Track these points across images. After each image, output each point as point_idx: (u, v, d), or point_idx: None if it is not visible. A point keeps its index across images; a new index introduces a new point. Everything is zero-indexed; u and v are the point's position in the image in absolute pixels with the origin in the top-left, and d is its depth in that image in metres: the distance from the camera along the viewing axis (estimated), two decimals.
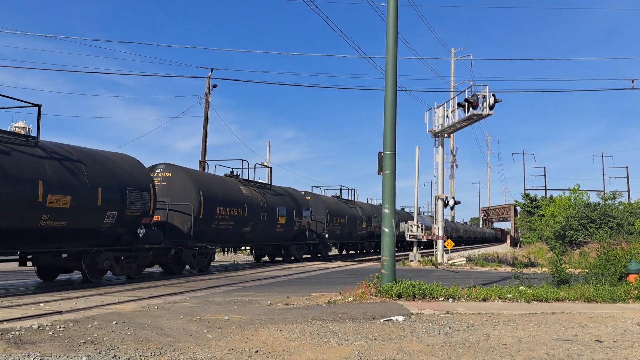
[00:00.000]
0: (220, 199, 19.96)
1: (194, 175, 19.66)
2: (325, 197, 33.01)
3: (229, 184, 21.57)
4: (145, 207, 15.92)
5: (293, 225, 25.91)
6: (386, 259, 12.20)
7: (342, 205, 33.91)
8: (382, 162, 12.65)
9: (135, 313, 9.29)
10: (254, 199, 22.23)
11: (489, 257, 33.05)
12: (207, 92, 32.18)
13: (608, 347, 6.94)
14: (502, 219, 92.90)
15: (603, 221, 36.14)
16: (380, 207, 38.19)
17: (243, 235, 22.04)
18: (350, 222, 33.79)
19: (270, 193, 24.58)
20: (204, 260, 19.36)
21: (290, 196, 26.58)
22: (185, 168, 19.63)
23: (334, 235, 31.51)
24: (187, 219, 18.31)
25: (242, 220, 21.27)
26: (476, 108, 22.39)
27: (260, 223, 22.65)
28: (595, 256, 16.71)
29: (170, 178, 18.94)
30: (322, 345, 6.81)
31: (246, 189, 22.32)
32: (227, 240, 21.76)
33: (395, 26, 12.96)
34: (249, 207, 21.66)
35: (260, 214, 22.48)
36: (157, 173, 19.00)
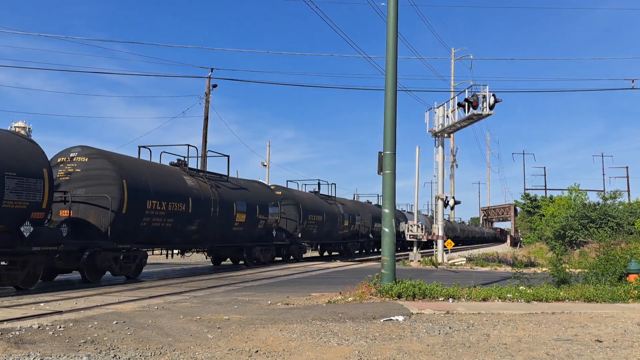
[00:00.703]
0: (154, 190, 16.35)
1: (117, 160, 16.00)
2: (300, 192, 29.76)
3: (169, 174, 18.11)
4: (35, 199, 12.63)
5: (256, 223, 22.65)
6: (386, 258, 12.20)
7: (319, 201, 30.40)
8: (382, 162, 12.65)
9: (136, 313, 9.29)
10: (202, 192, 18.91)
11: (489, 257, 33.06)
12: (207, 92, 32.17)
13: (608, 347, 6.94)
14: (502, 219, 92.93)
15: (603, 221, 36.14)
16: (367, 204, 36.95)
17: (188, 235, 18.65)
18: (329, 220, 30.54)
19: (227, 186, 21.19)
20: (130, 265, 16.02)
21: (254, 190, 23.37)
22: (106, 152, 16.28)
23: (309, 234, 28.49)
24: (106, 215, 15.06)
25: (185, 217, 17.85)
26: (476, 108, 22.39)
27: (211, 220, 19.33)
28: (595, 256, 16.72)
29: (87, 164, 15.58)
30: (322, 345, 6.81)
31: (193, 179, 18.97)
32: (167, 241, 18.10)
33: (395, 26, 12.96)
34: (195, 202, 18.31)
35: (210, 209, 19.15)
36: (71, 158, 15.72)
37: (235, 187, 21.99)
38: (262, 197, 23.67)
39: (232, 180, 22.30)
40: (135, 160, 17.64)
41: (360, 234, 35.80)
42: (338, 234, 32.52)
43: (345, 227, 33.08)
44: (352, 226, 34.24)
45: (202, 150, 31.69)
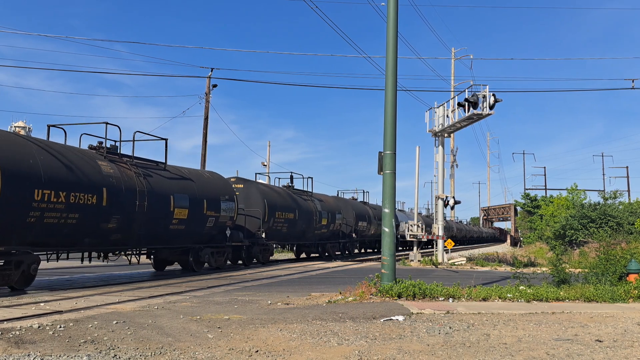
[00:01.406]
0: (47, 177, 12.94)
1: None
2: (267, 185, 26.66)
3: (76, 158, 14.32)
4: None
5: (203, 220, 18.99)
6: (386, 258, 12.20)
7: (291, 196, 26.74)
8: (382, 161, 12.66)
9: (136, 313, 9.29)
10: (124, 182, 15.31)
11: (489, 257, 33.09)
12: (207, 92, 32.16)
13: (608, 347, 6.94)
14: (502, 218, 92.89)
15: (603, 221, 36.14)
16: (351, 201, 34.96)
17: (104, 234, 14.90)
18: (303, 218, 26.93)
19: (163, 175, 17.46)
20: (10, 273, 12.44)
21: (202, 182, 19.60)
22: None
23: (277, 234, 24.97)
24: None
25: (97, 211, 14.28)
26: (476, 108, 22.40)
27: (138, 216, 15.69)
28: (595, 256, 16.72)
29: None
30: (322, 345, 6.81)
31: (112, 166, 15.28)
32: (71, 242, 14.31)
33: (396, 26, 12.96)
34: (113, 193, 14.73)
35: (135, 203, 15.52)
36: None
37: (175, 176, 18.10)
38: (213, 189, 19.86)
39: (171, 169, 18.24)
40: (20, 139, 13.58)
41: (341, 234, 32.58)
42: (314, 234, 28.89)
43: (323, 226, 29.60)
44: (331, 225, 30.82)
45: (202, 150, 31.72)
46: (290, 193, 27.14)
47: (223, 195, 20.36)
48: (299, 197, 27.65)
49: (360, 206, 36.35)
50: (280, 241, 26.25)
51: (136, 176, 16.02)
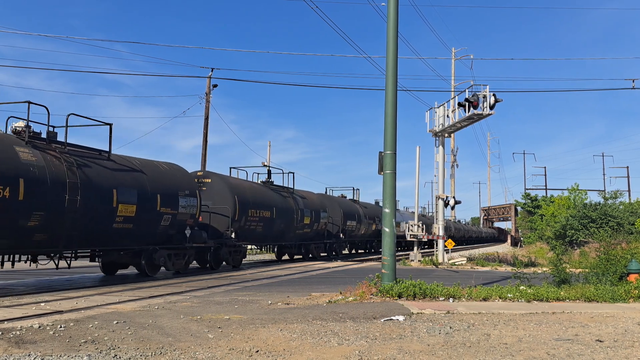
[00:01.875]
0: None
1: None
2: (238, 180, 23.66)
3: None
4: None
5: (157, 219, 16.45)
6: (387, 258, 12.20)
7: (268, 193, 24.40)
8: (382, 161, 12.66)
9: (136, 313, 9.29)
10: (50, 173, 13.06)
11: (489, 257, 33.11)
12: (207, 92, 32.17)
13: (609, 347, 6.94)
14: (503, 218, 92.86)
15: (603, 221, 36.15)
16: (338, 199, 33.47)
17: (24, 233, 12.71)
18: (282, 216, 24.62)
19: (105, 166, 15.15)
20: None
21: (157, 174, 17.00)
22: None
23: (250, 234, 22.57)
24: None
25: (11, 206, 12.13)
26: (476, 108, 22.39)
27: (69, 214, 13.47)
28: (596, 256, 16.71)
29: None
30: (322, 345, 6.81)
31: (34, 153, 13.07)
32: None
33: (396, 26, 12.96)
34: (33, 185, 12.57)
35: (65, 197, 13.28)
36: None
37: (121, 168, 15.70)
38: (170, 183, 17.34)
39: (117, 159, 15.93)
40: None
41: (327, 234, 30.16)
42: (296, 234, 26.53)
43: (305, 225, 27.21)
44: (315, 224, 28.32)
45: (203, 150, 31.73)
46: (267, 189, 24.75)
47: (182, 190, 17.81)
48: (278, 194, 25.21)
49: (349, 204, 34.28)
50: (255, 242, 23.85)
51: (67, 166, 13.64)
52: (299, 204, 26.71)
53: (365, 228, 35.67)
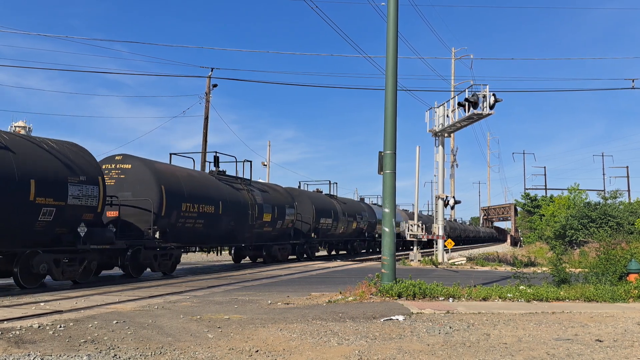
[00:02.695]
0: None
1: None
2: (170, 166, 19.06)
3: None
4: None
5: (33, 212, 12.81)
6: (386, 258, 12.20)
7: (214, 184, 20.34)
8: (382, 161, 12.66)
9: (136, 312, 9.29)
10: None
11: (489, 257, 33.10)
12: (207, 92, 32.17)
13: (608, 347, 6.94)
14: (503, 218, 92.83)
15: (603, 221, 36.17)
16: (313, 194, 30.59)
17: None
18: (231, 212, 20.45)
19: None
20: None
21: (33, 155, 13.21)
22: None
23: (185, 233, 18.30)
24: None
25: None
26: (476, 107, 22.39)
27: None
28: (596, 256, 16.72)
29: None
30: (322, 345, 6.81)
31: None
32: None
33: (396, 26, 12.96)
34: None
35: None
36: None
37: None
38: (53, 167, 13.52)
39: None
40: None
41: (294, 233, 26.57)
42: (253, 233, 22.45)
43: (265, 223, 23.17)
44: (279, 222, 24.40)
45: (203, 149, 31.70)
46: (213, 179, 20.65)
47: (75, 175, 13.96)
48: (228, 186, 21.09)
49: (323, 200, 30.33)
50: (193, 242, 19.52)
51: None
52: (256, 198, 22.56)
53: (344, 226, 32.27)
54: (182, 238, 18.41)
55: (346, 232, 32.93)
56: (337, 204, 32.14)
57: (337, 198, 33.05)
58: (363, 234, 35.68)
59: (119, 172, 17.14)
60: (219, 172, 21.73)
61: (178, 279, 16.35)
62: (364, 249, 37.18)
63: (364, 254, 36.01)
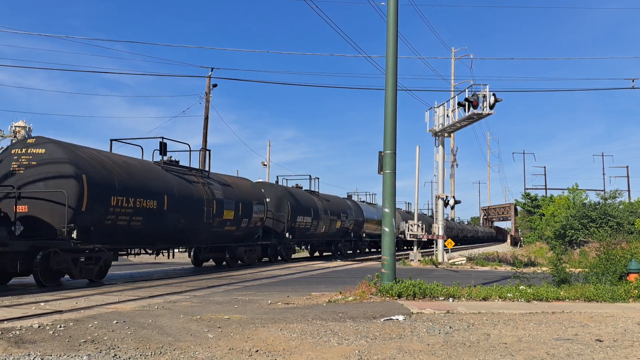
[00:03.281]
0: None
1: None
2: (97, 152, 15.74)
3: None
4: None
5: None
6: (386, 258, 12.20)
7: (159, 174, 17.16)
8: (382, 161, 12.66)
9: (136, 312, 9.29)
10: None
11: (489, 257, 33.12)
12: (207, 92, 32.16)
13: (608, 347, 6.94)
14: (503, 218, 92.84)
15: (603, 220, 36.19)
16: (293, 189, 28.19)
17: None
18: (181, 208, 17.41)
19: None
20: None
21: None
22: None
23: (118, 232, 15.33)
24: None
25: None
26: (476, 107, 22.40)
27: None
28: (596, 255, 16.71)
29: None
30: (322, 345, 6.81)
31: None
32: None
33: (396, 25, 12.96)
34: None
35: None
36: None
37: None
38: None
39: None
40: None
41: (265, 233, 24.09)
42: (212, 233, 19.50)
43: (227, 221, 20.34)
44: (245, 220, 21.40)
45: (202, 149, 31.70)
46: (158, 170, 17.32)
47: None
48: (178, 177, 17.96)
49: (302, 196, 27.75)
50: (131, 244, 16.40)
51: None
52: (215, 192, 19.55)
53: (326, 226, 29.76)
54: (114, 238, 15.38)
55: (329, 231, 30.51)
56: (319, 201, 29.73)
57: (319, 194, 30.73)
58: (349, 234, 33.86)
59: (30, 157, 14.10)
60: (168, 162, 18.33)
61: (178, 278, 16.35)
62: (350, 249, 35.15)
63: (351, 255, 34.32)
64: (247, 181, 24.25)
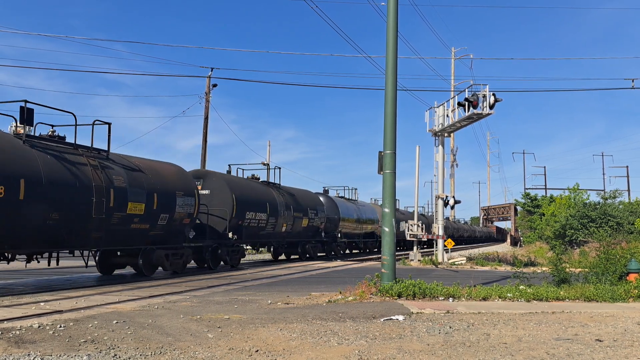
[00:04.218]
0: None
1: None
2: None
3: None
4: None
5: None
6: (386, 258, 12.20)
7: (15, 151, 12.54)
8: (382, 161, 12.65)
9: (136, 312, 9.29)
10: None
11: (489, 257, 33.10)
12: (207, 92, 32.16)
13: (608, 347, 6.94)
14: (503, 218, 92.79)
15: (603, 220, 36.17)
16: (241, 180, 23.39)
17: None
18: (56, 198, 13.00)
19: None
20: None
21: None
22: None
23: None
24: None
25: None
26: (476, 107, 22.40)
27: None
28: (595, 255, 16.71)
29: None
30: (322, 345, 6.81)
31: None
32: None
33: (396, 25, 12.96)
34: None
35: None
36: None
37: None
38: None
39: None
40: None
41: (200, 231, 19.77)
42: (107, 231, 14.71)
43: (134, 217, 15.58)
44: (163, 217, 16.74)
45: (202, 149, 31.71)
46: (15, 144, 12.80)
47: None
48: (54, 157, 13.46)
49: (253, 188, 23.39)
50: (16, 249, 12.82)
51: None
52: (114, 178, 14.92)
53: (287, 224, 25.30)
54: None
55: (292, 230, 26.08)
56: (278, 194, 24.93)
57: (280, 187, 26.13)
58: (319, 234, 29.19)
59: None
60: (39, 137, 13.83)
61: (177, 278, 16.33)
62: (322, 251, 30.54)
63: (323, 257, 30.16)
64: (173, 167, 18.60)
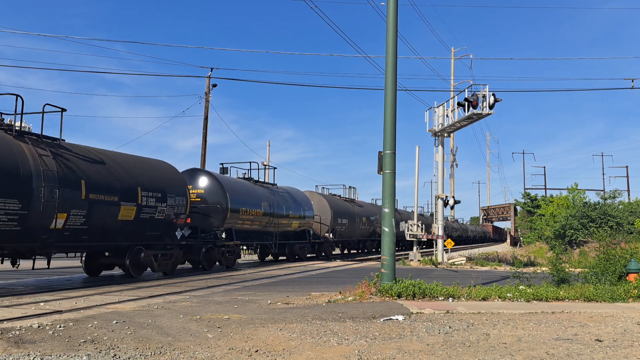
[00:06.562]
0: None
1: None
2: None
3: None
4: None
5: None
6: (386, 258, 12.20)
7: None
8: (382, 161, 12.66)
9: (135, 312, 9.29)
10: None
11: (489, 257, 33.15)
12: (207, 92, 32.14)
13: (608, 347, 6.94)
14: (502, 218, 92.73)
15: (603, 220, 36.20)
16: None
17: None
18: None
19: None
20: None
21: None
22: None
23: None
24: None
25: None
26: (476, 107, 22.40)
27: None
28: (595, 255, 16.73)
29: None
30: (322, 345, 6.81)
31: None
32: None
33: (395, 25, 12.96)
34: None
35: None
36: None
37: None
38: None
39: None
40: None
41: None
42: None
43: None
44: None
45: (202, 149, 31.69)
46: None
47: None
48: None
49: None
50: None
51: None
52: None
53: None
54: None
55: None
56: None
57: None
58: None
59: None
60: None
61: (177, 279, 16.33)
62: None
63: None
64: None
